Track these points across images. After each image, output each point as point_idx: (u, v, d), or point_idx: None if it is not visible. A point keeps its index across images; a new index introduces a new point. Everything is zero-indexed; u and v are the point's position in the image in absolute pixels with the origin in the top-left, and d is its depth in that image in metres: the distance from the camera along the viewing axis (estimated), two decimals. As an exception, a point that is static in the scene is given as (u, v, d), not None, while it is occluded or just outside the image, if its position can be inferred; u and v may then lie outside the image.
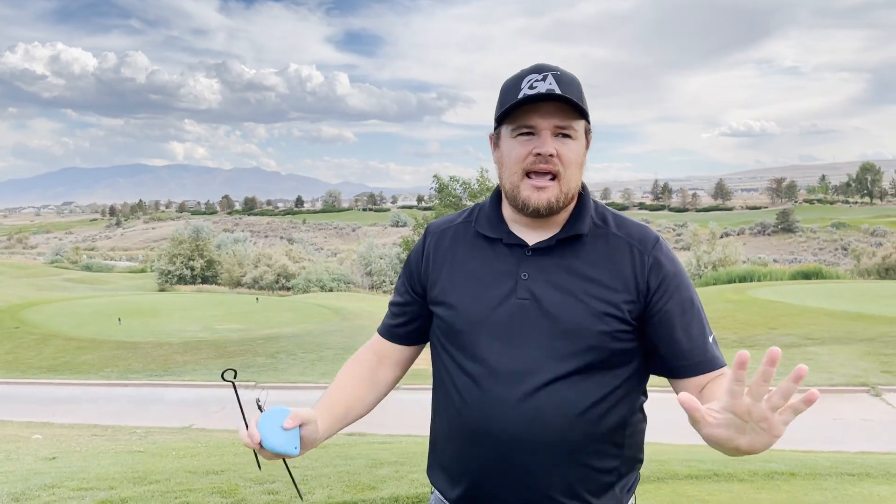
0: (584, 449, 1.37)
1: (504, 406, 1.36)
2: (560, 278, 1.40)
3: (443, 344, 1.50)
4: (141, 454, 6.56)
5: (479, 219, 1.53)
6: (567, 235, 1.44)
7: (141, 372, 14.46)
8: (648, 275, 1.40)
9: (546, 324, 1.38)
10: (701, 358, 1.40)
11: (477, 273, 1.47)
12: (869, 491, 4.40)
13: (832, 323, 15.19)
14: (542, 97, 1.35)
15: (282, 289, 47.51)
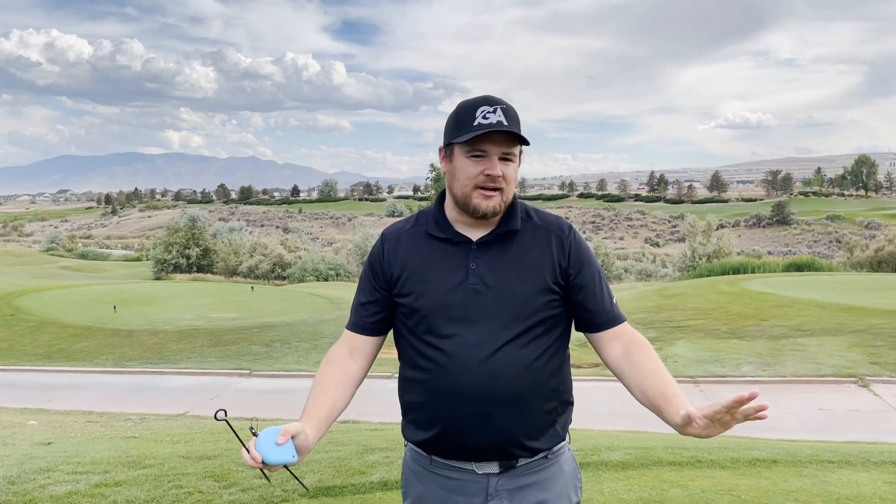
0: (531, 395, 1.73)
1: (468, 369, 1.70)
2: (502, 264, 1.76)
3: (408, 327, 1.81)
4: (136, 440, 6.65)
5: (428, 222, 1.86)
6: (504, 230, 1.80)
7: (136, 359, 14.53)
8: (568, 255, 1.79)
9: (494, 301, 1.73)
10: (609, 316, 1.81)
11: (433, 267, 1.79)
12: (848, 478, 4.51)
13: (822, 315, 15.31)
14: (495, 128, 1.68)
15: (277, 278, 47.53)
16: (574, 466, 1.89)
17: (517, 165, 1.78)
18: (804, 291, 18.76)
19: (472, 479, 1.76)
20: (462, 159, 1.74)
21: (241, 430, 1.60)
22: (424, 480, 1.83)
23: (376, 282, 1.87)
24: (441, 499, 1.80)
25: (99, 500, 4.09)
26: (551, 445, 1.79)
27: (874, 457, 5.04)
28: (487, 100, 1.74)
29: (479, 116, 1.70)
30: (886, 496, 4.07)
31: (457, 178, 1.76)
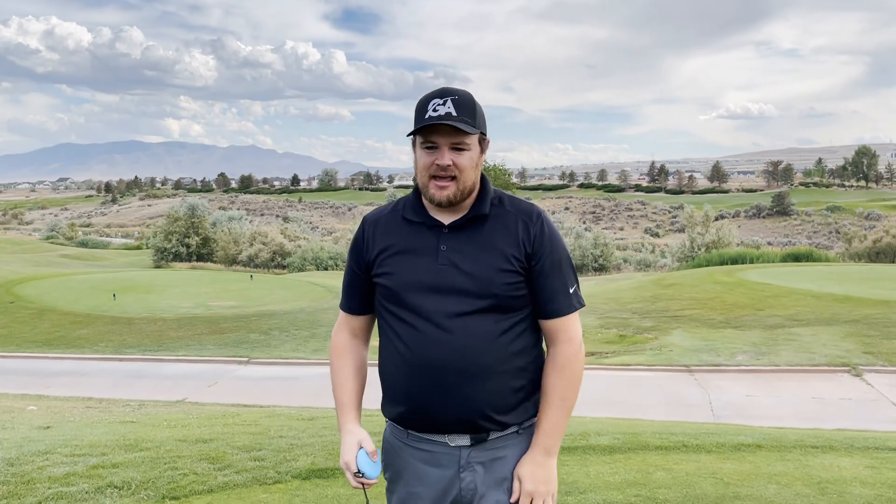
0: (497, 370, 1.83)
1: (437, 343, 1.82)
2: (470, 247, 1.87)
3: (385, 305, 1.93)
4: (133, 424, 6.74)
5: (405, 208, 1.97)
6: (474, 215, 1.90)
7: (135, 347, 14.63)
8: (532, 240, 1.88)
9: (462, 281, 1.84)
10: (556, 306, 1.89)
11: (407, 248, 1.91)
12: (830, 462, 4.60)
13: (818, 304, 15.39)
14: (442, 119, 1.78)
15: (277, 267, 47.60)
16: None
17: (474, 154, 1.86)
18: (801, 282, 18.84)
19: (445, 452, 1.87)
20: (419, 150, 1.87)
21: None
22: (402, 453, 1.93)
23: (359, 264, 1.99)
24: (417, 471, 1.90)
25: (96, 482, 4.18)
26: (521, 420, 1.89)
27: (858, 443, 5.14)
28: (440, 92, 1.83)
29: (430, 109, 1.81)
30: (867, 480, 4.16)
31: (418, 170, 1.89)
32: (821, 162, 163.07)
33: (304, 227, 73.50)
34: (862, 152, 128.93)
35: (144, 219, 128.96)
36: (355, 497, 3.97)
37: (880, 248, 34.28)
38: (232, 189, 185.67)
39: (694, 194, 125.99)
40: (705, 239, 39.48)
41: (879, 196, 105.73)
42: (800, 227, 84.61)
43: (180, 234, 53.10)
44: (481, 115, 1.88)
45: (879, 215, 75.07)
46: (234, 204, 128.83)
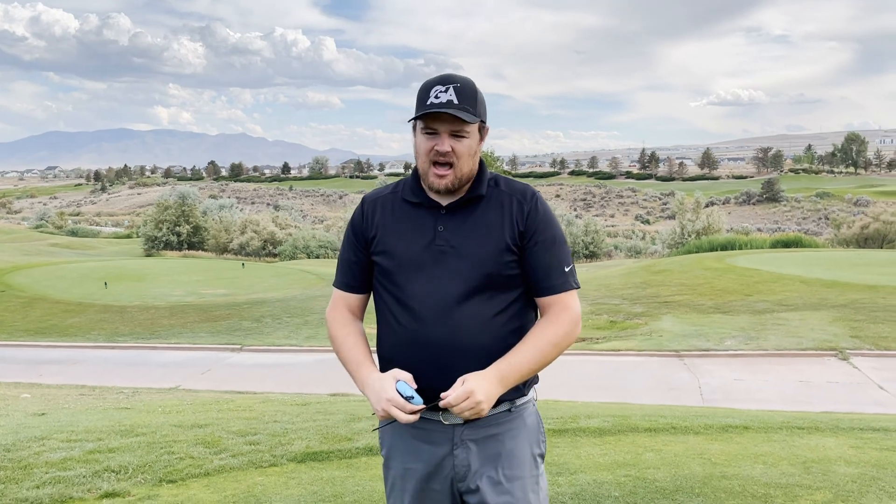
0: (491, 349, 1.85)
1: (432, 321, 1.86)
2: (466, 228, 1.91)
3: (383, 284, 1.97)
4: (128, 410, 6.79)
5: (405, 189, 2.01)
6: (470, 196, 1.94)
7: (127, 335, 14.64)
8: (526, 218, 1.92)
9: (458, 261, 1.88)
10: (550, 283, 1.91)
11: (405, 228, 1.95)
12: (816, 442, 4.69)
13: (806, 290, 15.54)
14: (443, 107, 1.81)
15: (268, 255, 47.57)
16: (537, 421, 2.01)
17: (473, 141, 1.89)
18: (789, 267, 19.00)
19: (439, 430, 1.90)
20: (419, 135, 1.90)
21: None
22: (397, 431, 1.96)
23: (357, 242, 2.02)
24: (411, 447, 1.94)
25: (93, 466, 4.23)
26: (512, 398, 1.91)
27: (843, 424, 5.24)
28: (443, 79, 1.86)
29: (431, 96, 1.83)
30: (851, 459, 4.25)
31: (417, 153, 1.92)
32: (810, 148, 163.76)
33: (295, 215, 73.40)
34: (851, 139, 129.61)
35: (134, 207, 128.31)
36: (351, 479, 4.03)
37: (868, 234, 34.56)
38: (222, 177, 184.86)
39: (684, 181, 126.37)
40: (696, 225, 39.68)
41: (868, 182, 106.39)
42: (789, 213, 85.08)
43: (171, 222, 52.95)
44: (482, 102, 1.91)
45: (868, 201, 75.53)
46: (225, 192, 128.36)
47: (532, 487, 1.92)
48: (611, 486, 3.80)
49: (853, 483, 3.80)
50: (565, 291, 1.92)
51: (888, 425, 5.17)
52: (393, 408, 1.76)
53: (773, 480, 3.87)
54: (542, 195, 2.05)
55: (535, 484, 1.93)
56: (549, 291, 1.92)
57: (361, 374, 1.91)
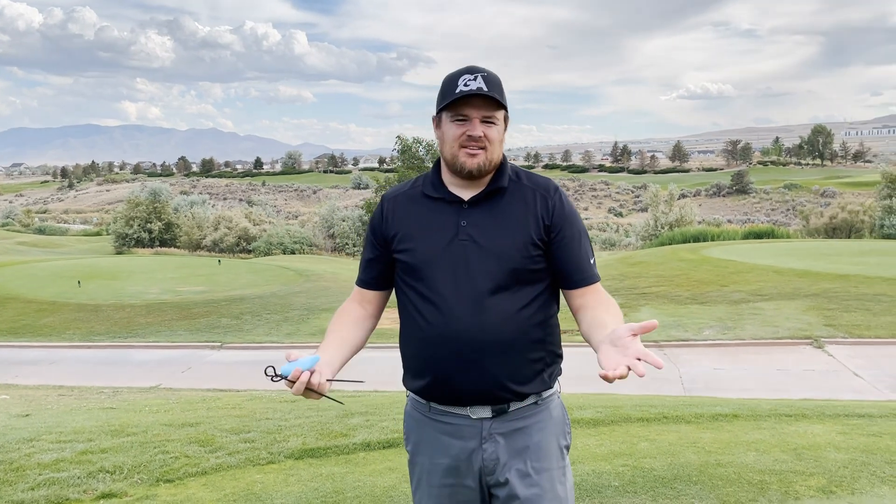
0: (518, 343, 1.88)
1: (459, 318, 1.85)
2: (489, 222, 1.91)
3: (406, 281, 1.96)
4: (114, 410, 6.70)
5: (425, 184, 2.01)
6: (492, 189, 1.94)
7: (104, 334, 14.44)
8: (552, 213, 1.93)
9: (483, 256, 1.87)
10: (584, 275, 1.93)
11: (427, 224, 1.95)
12: (804, 430, 4.79)
13: (779, 280, 15.81)
14: (474, 94, 1.83)
15: (242, 251, 47.10)
16: (563, 413, 2.02)
17: (501, 128, 1.91)
18: (762, 258, 19.31)
19: (468, 424, 1.90)
20: (447, 124, 1.90)
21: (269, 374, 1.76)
22: (424, 426, 1.98)
23: (377, 240, 2.02)
24: (439, 443, 1.95)
25: (86, 467, 4.18)
26: (539, 391, 1.93)
27: (828, 410, 5.35)
28: (470, 69, 1.88)
29: (460, 84, 1.85)
30: (840, 445, 4.35)
31: (445, 142, 1.91)
32: (778, 141, 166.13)
33: (269, 210, 72.77)
34: (817, 131, 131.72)
35: (103, 204, 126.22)
36: (350, 475, 4.03)
37: (836, 225, 35.22)
38: (193, 173, 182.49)
39: (656, 174, 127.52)
40: (669, 218, 40.12)
41: (834, 174, 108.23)
42: (758, 204, 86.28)
43: (142, 219, 52.15)
44: (505, 95, 1.92)
45: (835, 192, 76.93)
46: (196, 188, 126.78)
47: (559, 479, 1.94)
48: (610, 476, 3.85)
49: (845, 468, 3.89)
50: (595, 283, 1.95)
51: (871, 411, 5.29)
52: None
53: (766, 467, 3.95)
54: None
55: (562, 475, 1.95)
56: (582, 283, 1.93)
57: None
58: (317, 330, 14.05)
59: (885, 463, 3.97)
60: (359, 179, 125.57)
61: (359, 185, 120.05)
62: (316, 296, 17.67)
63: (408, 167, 45.37)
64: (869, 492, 3.58)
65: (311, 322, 14.82)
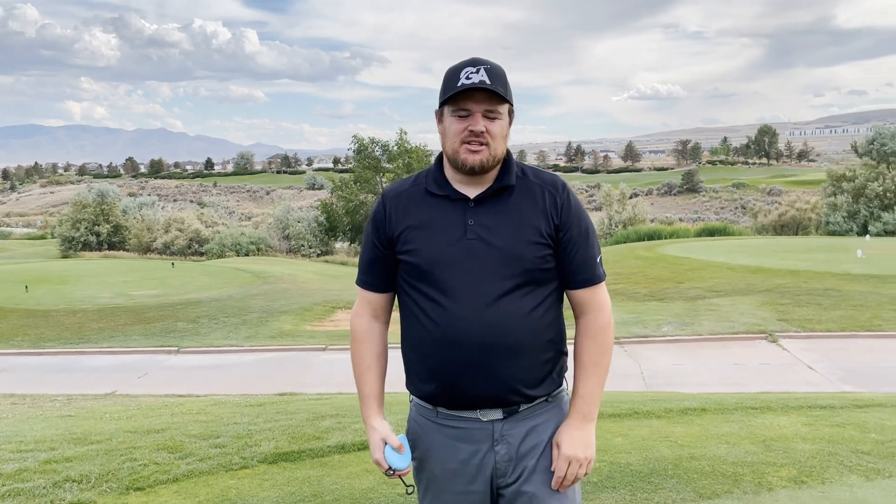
0: (529, 345, 1.84)
1: (467, 320, 1.80)
2: (498, 220, 1.85)
3: (410, 283, 1.89)
4: (73, 418, 6.50)
5: (428, 181, 1.93)
6: (500, 186, 1.88)
7: (54, 340, 13.99)
8: (560, 211, 1.87)
9: (492, 256, 1.82)
10: (590, 274, 1.90)
11: (432, 223, 1.88)
12: (771, 421, 4.90)
13: (733, 276, 16.18)
14: (476, 88, 1.77)
15: (195, 254, 46.21)
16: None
17: (504, 123, 1.85)
18: (716, 255, 19.75)
19: (478, 427, 1.86)
20: (449, 118, 1.84)
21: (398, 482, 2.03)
22: (431, 433, 1.92)
23: (379, 240, 1.94)
24: (449, 448, 1.90)
25: (52, 476, 4.04)
26: (549, 391, 1.90)
27: (792, 403, 5.49)
28: (473, 61, 1.81)
29: (462, 77, 1.78)
30: (806, 436, 4.46)
31: (447, 137, 1.85)
32: (726, 140, 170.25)
33: (222, 212, 71.57)
34: (763, 131, 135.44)
35: (47, 206, 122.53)
36: (327, 478, 3.98)
37: (784, 222, 36.24)
38: (142, 174, 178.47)
39: (609, 173, 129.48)
40: (622, 216, 40.78)
41: (780, 172, 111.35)
42: (708, 203, 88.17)
43: (89, 221, 50.79)
44: (510, 87, 1.86)
45: (780, 191, 79.12)
46: (145, 189, 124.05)
47: None
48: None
49: (813, 459, 3.99)
50: (599, 284, 1.92)
51: (832, 402, 5.44)
52: (379, 466, 1.90)
53: (739, 459, 4.02)
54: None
55: None
56: (586, 283, 1.90)
57: (364, 413, 1.98)
58: (276, 332, 13.86)
59: (852, 452, 4.09)
60: (313, 180, 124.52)
61: (313, 186, 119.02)
62: (275, 298, 17.43)
63: (364, 167, 45.18)
64: (838, 481, 3.68)
65: (271, 324, 14.61)
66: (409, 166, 43.04)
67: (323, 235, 45.61)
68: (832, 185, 36.59)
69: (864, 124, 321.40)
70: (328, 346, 12.64)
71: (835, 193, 36.03)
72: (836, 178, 36.75)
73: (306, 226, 45.70)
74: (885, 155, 36.52)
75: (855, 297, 13.57)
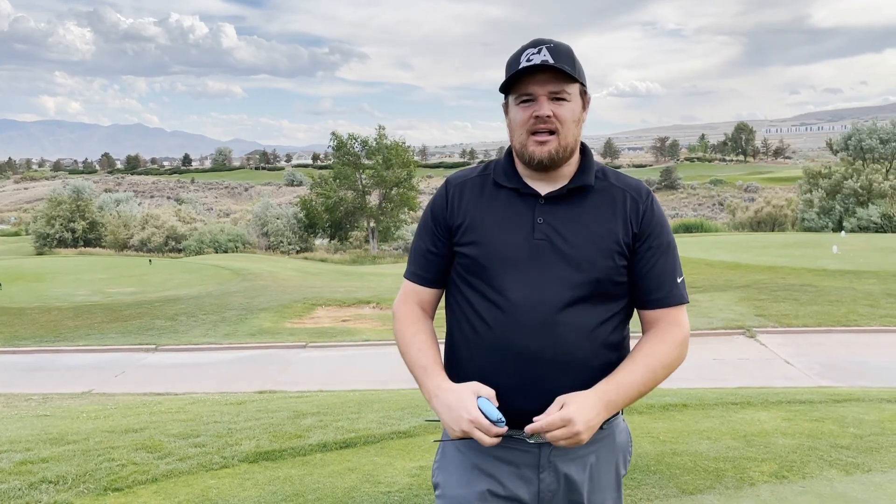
0: (592, 364, 1.64)
1: (527, 329, 1.61)
2: (571, 223, 1.66)
3: (466, 280, 1.71)
4: (48, 417, 6.39)
5: (497, 171, 1.75)
6: (576, 185, 1.69)
7: (29, 338, 13.77)
8: (642, 220, 1.68)
9: (561, 261, 1.63)
10: (666, 293, 1.69)
11: (498, 217, 1.69)
12: (751, 416, 4.94)
13: (711, 272, 16.34)
14: (537, 68, 1.59)
15: (172, 251, 45.76)
16: (627, 438, 1.82)
17: (576, 106, 1.66)
18: (694, 251, 19.92)
19: (523, 449, 1.67)
20: (514, 108, 1.67)
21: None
22: (465, 450, 1.72)
23: (438, 229, 1.76)
24: (485, 469, 1.69)
25: (27, 478, 3.96)
26: (606, 418, 1.66)
27: (771, 398, 5.54)
28: (535, 42, 1.64)
29: (523, 60, 1.61)
30: (786, 431, 4.50)
31: (513, 129, 1.69)
32: (703, 138, 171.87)
33: (199, 208, 70.92)
34: (740, 128, 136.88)
35: (21, 203, 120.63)
36: (308, 476, 3.94)
37: (761, 218, 36.63)
38: (118, 170, 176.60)
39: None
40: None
41: (757, 169, 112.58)
42: (686, 199, 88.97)
43: (64, 218, 50.11)
44: (580, 67, 1.67)
45: (757, 187, 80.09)
46: (121, 186, 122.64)
47: None
48: (571, 469, 3.87)
49: (794, 454, 4.03)
50: (677, 305, 1.70)
51: (811, 398, 5.50)
52: (476, 430, 1.52)
53: (720, 454, 4.05)
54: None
55: None
56: (660, 304, 1.69)
57: (429, 383, 1.65)
58: (256, 330, 13.75)
59: (831, 447, 4.13)
60: (292, 176, 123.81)
61: (292, 182, 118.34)
62: (254, 295, 17.30)
63: (343, 163, 45.01)
64: (819, 475, 3.71)
65: (250, 322, 14.49)
66: (388, 161, 42.92)
67: (302, 232, 45.37)
68: (808, 182, 37.08)
69: (840, 122, 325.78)
70: (308, 343, 12.56)
71: (810, 190, 36.51)
72: (811, 175, 37.23)
73: (285, 222, 45.44)
74: (862, 151, 37.03)
75: (831, 293, 13.75)
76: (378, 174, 43.64)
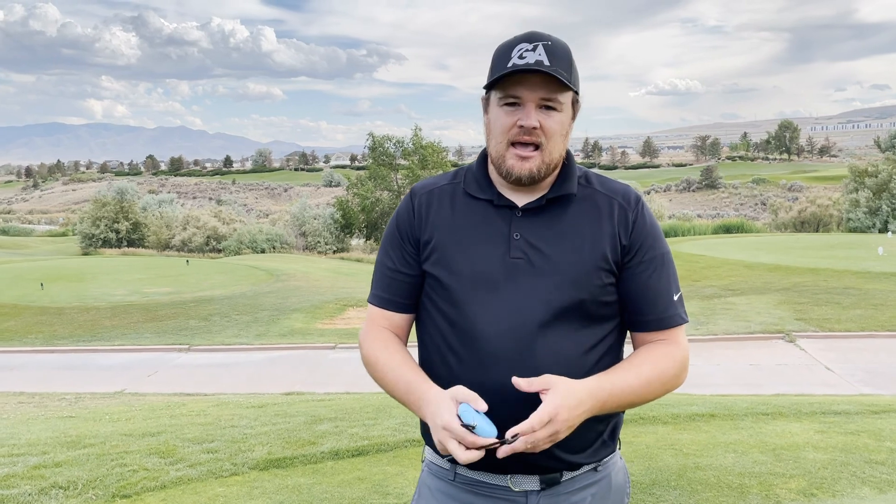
0: None
1: (503, 359, 1.40)
2: (551, 237, 1.46)
3: (435, 303, 1.50)
4: (73, 419, 6.45)
5: (468, 180, 1.55)
6: (556, 195, 1.48)
7: (67, 338, 14.04)
8: (631, 230, 1.48)
9: (540, 281, 1.43)
10: (662, 315, 1.48)
11: (469, 233, 1.49)
12: (782, 428, 4.72)
13: (750, 274, 15.91)
14: (530, 70, 1.37)
15: (212, 251, 46.47)
16: (624, 479, 1.61)
17: (565, 117, 1.45)
18: (733, 253, 19.46)
19: (507, 498, 1.46)
20: (496, 109, 1.45)
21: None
22: (445, 499, 1.52)
23: (404, 244, 1.55)
24: None
25: (39, 483, 3.96)
26: (599, 458, 1.50)
27: (804, 408, 5.30)
28: (529, 36, 1.42)
29: (514, 56, 1.39)
30: (818, 445, 4.28)
31: (491, 133, 1.48)
32: (745, 136, 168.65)
33: (239, 209, 71.96)
34: (784, 126, 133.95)
35: (69, 204, 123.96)
36: (318, 486, 3.87)
37: (805, 218, 35.70)
38: (161, 172, 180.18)
39: (627, 169, 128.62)
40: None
41: (801, 168, 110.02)
42: (727, 199, 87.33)
43: (109, 219, 51.25)
44: (576, 71, 1.46)
45: (802, 187, 78.18)
46: (165, 187, 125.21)
47: None
48: (587, 483, 3.73)
49: (825, 469, 3.82)
50: (674, 327, 1.49)
51: (847, 408, 5.25)
52: (450, 440, 1.28)
53: (746, 469, 3.86)
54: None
55: None
56: (656, 326, 1.48)
57: (415, 393, 1.43)
58: (287, 331, 13.81)
59: (865, 463, 3.91)
60: (330, 177, 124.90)
61: (330, 183, 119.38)
62: (286, 296, 17.40)
63: (378, 164, 45.17)
64: (850, 493, 3.51)
65: (282, 323, 14.56)
66: (424, 161, 42.96)
67: (339, 232, 45.69)
68: (854, 181, 36.01)
69: (888, 119, 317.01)
70: (338, 344, 12.56)
71: (856, 189, 35.46)
72: (858, 174, 36.15)
73: (322, 223, 45.80)
74: (909, 150, 35.85)
75: (875, 296, 13.27)
76: (414, 174, 43.71)
